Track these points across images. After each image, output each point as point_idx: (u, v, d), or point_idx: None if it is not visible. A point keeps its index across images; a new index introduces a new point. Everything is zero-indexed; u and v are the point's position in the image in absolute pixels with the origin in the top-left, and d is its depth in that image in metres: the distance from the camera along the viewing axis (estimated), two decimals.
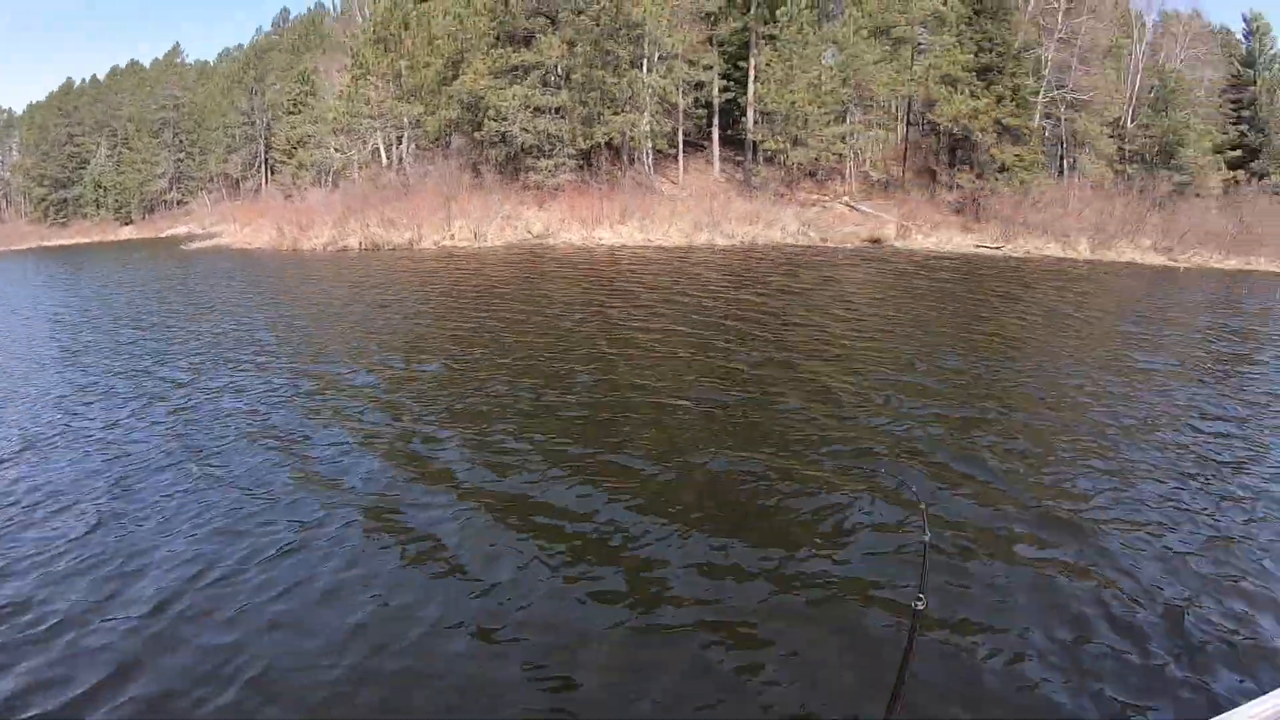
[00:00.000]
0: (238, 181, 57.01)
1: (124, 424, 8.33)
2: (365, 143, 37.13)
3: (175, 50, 70.76)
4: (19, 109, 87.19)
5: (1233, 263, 38.89)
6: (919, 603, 2.38)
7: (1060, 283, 22.60)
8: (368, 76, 35.39)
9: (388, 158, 37.36)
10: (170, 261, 30.93)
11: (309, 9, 59.80)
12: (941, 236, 30.95)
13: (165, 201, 63.35)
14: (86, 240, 63.66)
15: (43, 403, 9.48)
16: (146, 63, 74.27)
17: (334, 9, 58.18)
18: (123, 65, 76.72)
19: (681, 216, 28.75)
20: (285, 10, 63.67)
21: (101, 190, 68.98)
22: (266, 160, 53.66)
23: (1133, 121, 41.96)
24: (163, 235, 54.76)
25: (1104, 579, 4.79)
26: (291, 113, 45.38)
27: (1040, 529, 5.56)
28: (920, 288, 19.49)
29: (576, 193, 31.12)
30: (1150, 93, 42.05)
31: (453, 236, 27.64)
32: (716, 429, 7.48)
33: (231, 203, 54.36)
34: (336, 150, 38.54)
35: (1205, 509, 6.00)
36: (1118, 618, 4.37)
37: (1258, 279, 32.29)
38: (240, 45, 66.61)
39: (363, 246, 27.85)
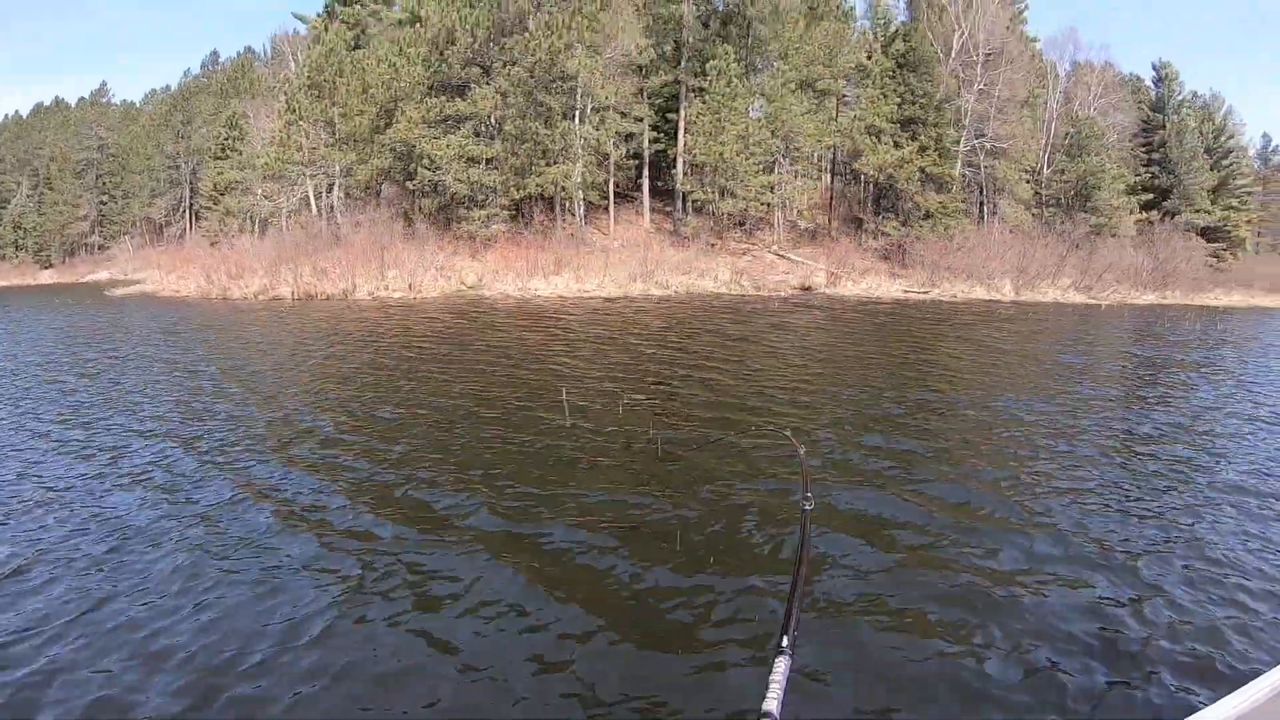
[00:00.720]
0: (161, 227, 55.59)
1: (83, 481, 7.91)
2: (295, 190, 36.59)
3: (102, 89, 69.24)
4: None
5: (1149, 297, 40.58)
6: (807, 503, 2.52)
7: (990, 323, 23.34)
8: (300, 123, 34.95)
9: (317, 206, 36.86)
10: (98, 308, 29.92)
11: (238, 53, 58.96)
12: (871, 283, 31.66)
13: (86, 245, 61.51)
14: (4, 283, 61.43)
15: None
16: (72, 101, 72.57)
17: (264, 54, 57.47)
18: (47, 103, 74.82)
19: (616, 267, 28.92)
20: (215, 53, 62.72)
21: (21, 231, 66.77)
22: (191, 206, 52.51)
23: (1049, 167, 43.65)
24: (83, 280, 53.09)
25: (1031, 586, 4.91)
26: (219, 157, 44.54)
27: (970, 536, 5.85)
28: (857, 332, 19.99)
29: (509, 243, 31.10)
30: (1065, 139, 43.82)
31: (387, 287, 27.30)
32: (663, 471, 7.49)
33: (154, 248, 52.97)
34: (265, 197, 37.92)
35: (1131, 517, 6.36)
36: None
37: (1173, 311, 33.72)
38: (168, 87, 65.38)
39: (295, 296, 27.32)
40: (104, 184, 60.74)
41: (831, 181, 41.32)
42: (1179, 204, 50.57)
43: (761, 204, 34.86)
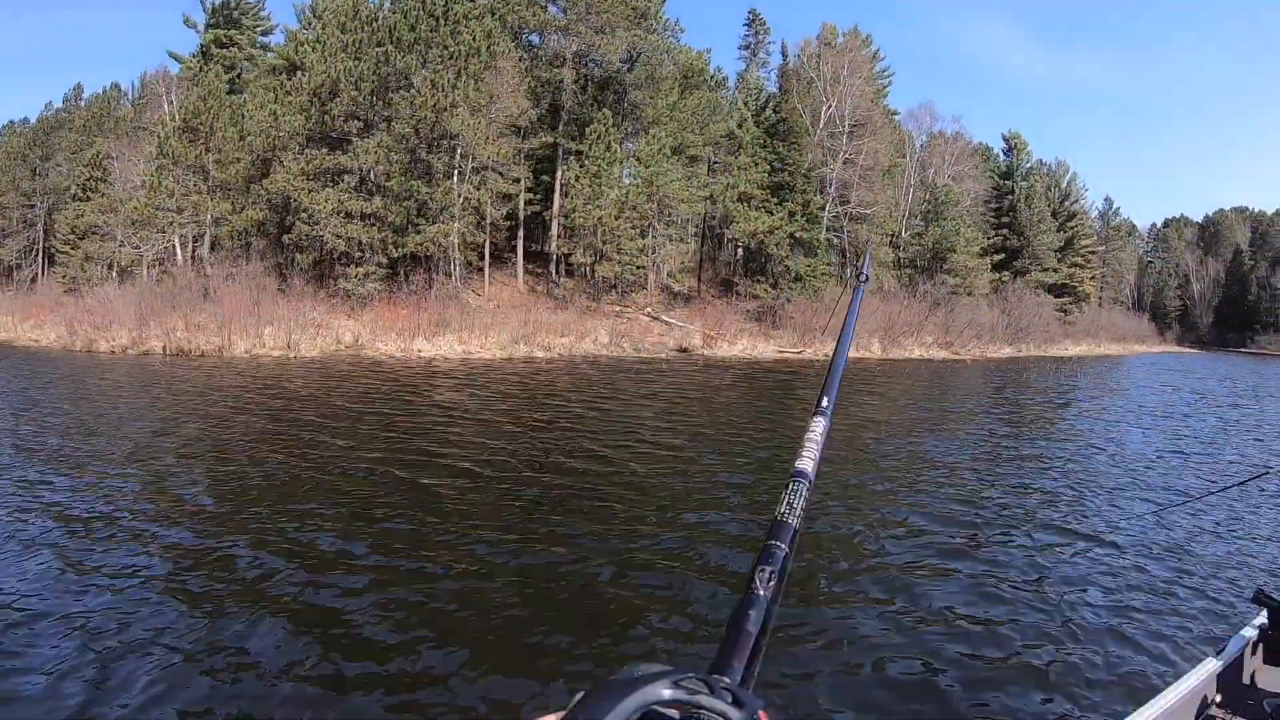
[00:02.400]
0: (11, 269, 52.23)
1: None
2: (162, 238, 35.33)
3: None
4: None
5: (1006, 351, 43.53)
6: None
7: (864, 380, 24.88)
8: (172, 167, 33.85)
9: (184, 256, 35.67)
10: None
11: (104, 88, 56.14)
12: (745, 344, 32.98)
13: None
14: None
15: None
16: None
17: (131, 91, 55.12)
18: None
19: (499, 328, 29.17)
20: (79, 86, 59.61)
21: None
22: (45, 249, 49.68)
23: (907, 231, 46.48)
24: None
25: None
26: (79, 199, 42.42)
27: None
28: (739, 389, 21.19)
29: (385, 303, 30.90)
30: (923, 205, 46.83)
31: (264, 344, 26.71)
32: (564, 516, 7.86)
33: (4, 293, 49.80)
34: (128, 245, 36.47)
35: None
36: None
37: (1028, 362, 36.39)
38: (26, 119, 61.83)
39: (167, 351, 26.41)
40: None
41: (701, 245, 42.81)
42: (1029, 263, 54.61)
43: (636, 267, 35.77)
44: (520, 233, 37.96)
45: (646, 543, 7.64)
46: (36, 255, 50.77)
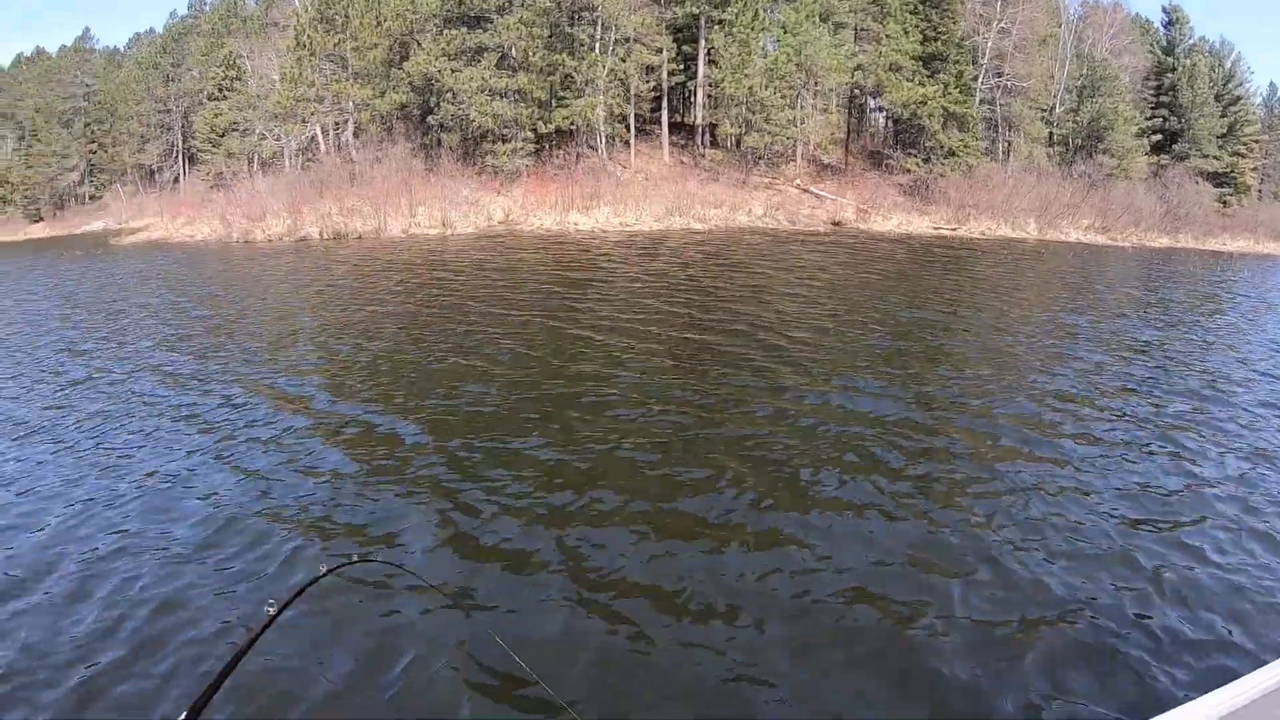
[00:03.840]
0: (153, 173, 54.08)
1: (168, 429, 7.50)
2: (304, 129, 35.58)
3: (84, 36, 66.64)
4: None
5: (1164, 241, 40.68)
6: None
7: (1034, 260, 23.37)
8: (311, 58, 33.85)
9: (326, 144, 35.89)
10: (116, 258, 28.93)
11: None
12: (900, 219, 31.39)
13: (77, 196, 59.83)
14: None
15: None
16: (53, 50, 70.03)
17: None
18: (28, 53, 72.23)
19: (652, 201, 28.40)
20: None
21: (8, 186, 64.76)
22: (185, 150, 51.09)
23: (1061, 107, 43.33)
24: (77, 232, 51.59)
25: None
26: (216, 98, 43.16)
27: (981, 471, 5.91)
28: (918, 265, 20.02)
29: (533, 178, 30.47)
30: (1078, 80, 43.46)
31: (418, 224, 26.64)
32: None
33: (148, 195, 51.65)
34: (267, 137, 36.93)
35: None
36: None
37: (1184, 255, 33.86)
38: (153, 30, 63.26)
39: (324, 236, 26.61)
40: (92, 132, 58.91)
41: (849, 117, 40.77)
42: (1188, 148, 50.45)
43: (786, 139, 34.28)
44: (665, 104, 36.85)
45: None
46: (177, 157, 52.31)
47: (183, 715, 1.72)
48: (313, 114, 34.18)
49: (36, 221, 61.02)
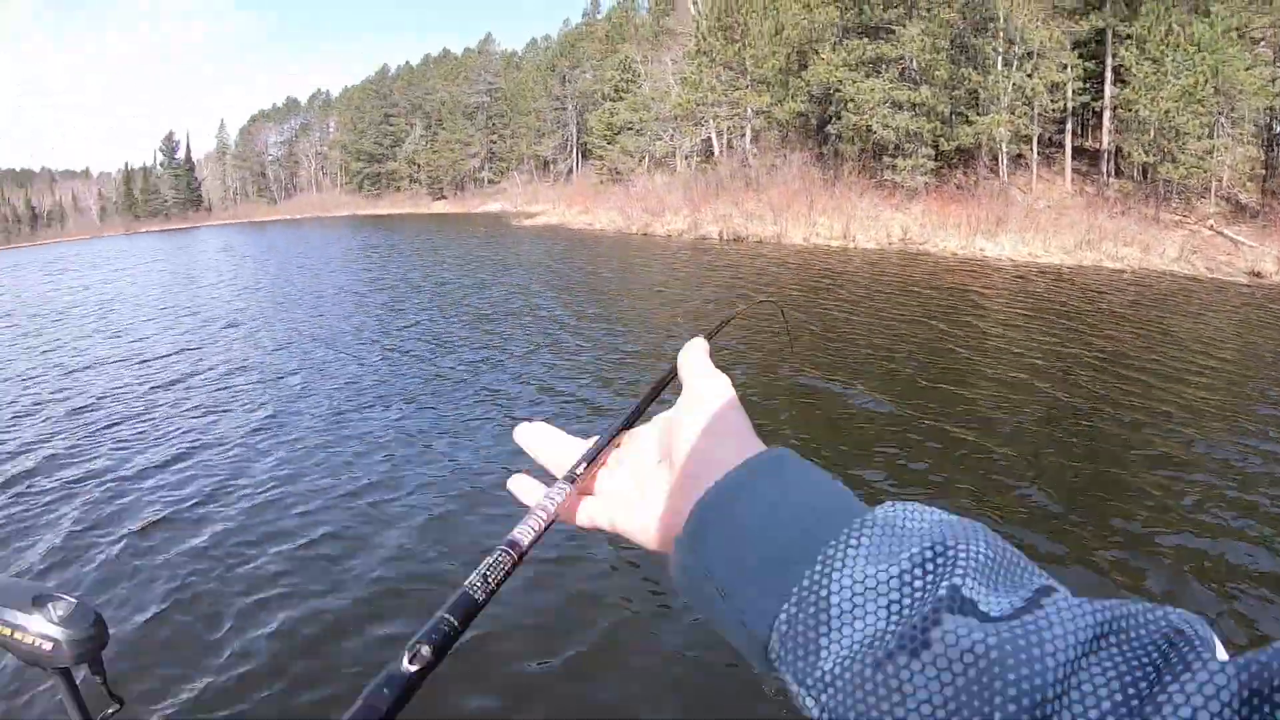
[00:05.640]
0: (547, 164, 60.00)
1: None
2: (698, 132, 37.42)
3: (487, 40, 75.59)
4: (335, 92, 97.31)
5: None
6: None
7: None
8: (711, 64, 35.48)
9: (719, 147, 37.44)
10: (532, 237, 32.62)
11: (617, 1, 61.39)
12: None
13: (476, 180, 68.02)
14: (399, 211, 69.78)
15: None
16: (458, 51, 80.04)
17: (645, 1, 59.43)
18: (435, 53, 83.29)
19: (1060, 231, 26.39)
20: (595, 2, 65.90)
21: (415, 166, 75.26)
22: (579, 145, 55.97)
23: None
24: (475, 211, 58.68)
25: None
26: (610, 99, 46.66)
27: None
28: None
29: (933, 196, 29.60)
30: None
31: (817, 233, 26.94)
32: None
33: (541, 183, 57.29)
34: (668, 138, 39.19)
35: None
36: None
37: None
38: (548, 36, 70.03)
39: (724, 237, 27.84)
40: (493, 124, 66.66)
41: (1267, 150, 35.11)
42: None
43: (1201, 171, 30.22)
44: (1069, 126, 34.20)
45: None
46: (571, 150, 57.38)
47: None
48: (712, 118, 35.79)
49: (439, 199, 70.28)
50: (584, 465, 0.55)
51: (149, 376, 11.38)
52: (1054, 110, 33.09)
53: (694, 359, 0.53)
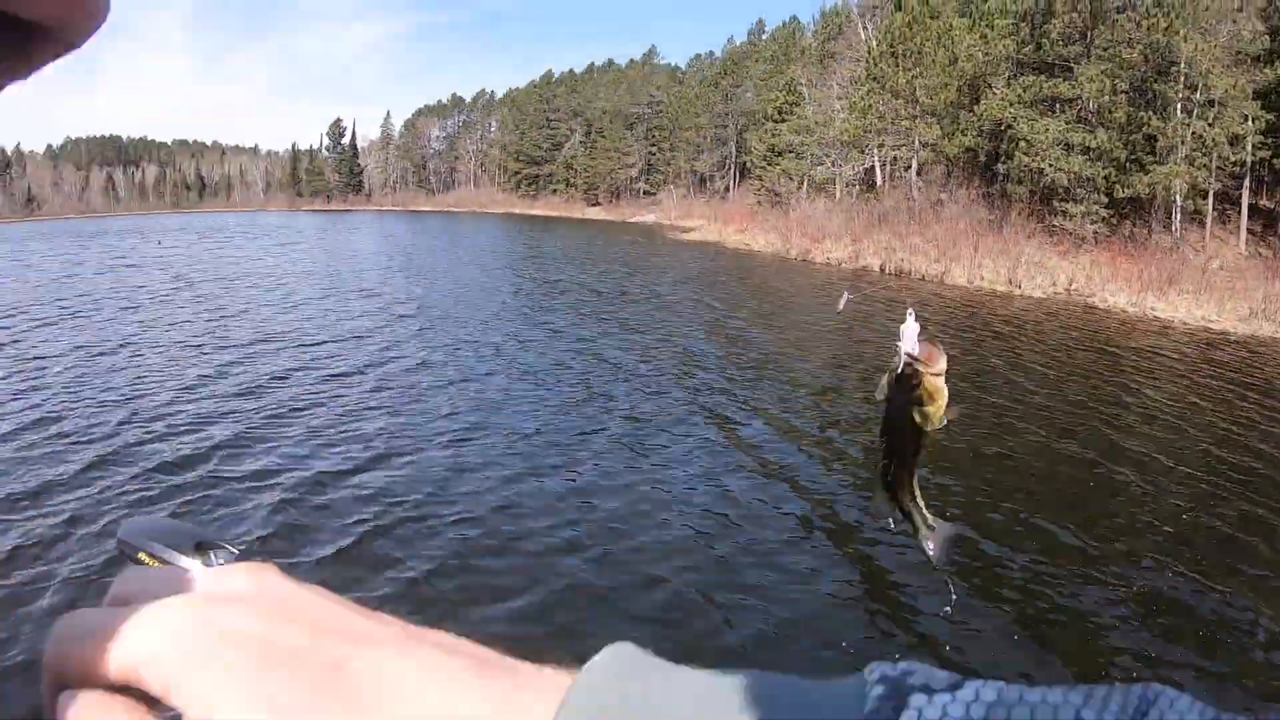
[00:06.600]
0: (704, 179, 61.30)
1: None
2: (862, 159, 37.69)
3: (652, 53, 77.65)
4: (499, 93, 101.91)
5: None
6: None
7: None
8: (882, 91, 35.65)
9: (881, 177, 37.60)
10: (692, 251, 33.97)
11: (783, 22, 61.92)
12: None
13: (632, 190, 70.12)
14: (554, 214, 72.72)
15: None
16: (621, 63, 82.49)
17: (812, 22, 59.57)
18: (599, 63, 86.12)
19: (1237, 296, 24.67)
20: (761, 21, 66.51)
21: (572, 171, 78.18)
22: (738, 163, 56.96)
23: None
24: (629, 220, 60.56)
25: None
26: (774, 119, 47.21)
27: None
28: None
29: (1102, 247, 28.79)
30: None
31: (982, 276, 26.77)
32: None
33: (697, 198, 58.61)
34: (831, 163, 39.57)
35: None
36: None
37: None
38: (712, 52, 71.27)
39: (885, 270, 28.12)
40: (653, 136, 68.52)
41: None
42: None
43: None
44: (1247, 181, 32.44)
45: None
46: (729, 168, 58.50)
47: None
48: (878, 147, 36.01)
49: (593, 205, 72.81)
50: None
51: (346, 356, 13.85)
52: (1233, 164, 31.49)
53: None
